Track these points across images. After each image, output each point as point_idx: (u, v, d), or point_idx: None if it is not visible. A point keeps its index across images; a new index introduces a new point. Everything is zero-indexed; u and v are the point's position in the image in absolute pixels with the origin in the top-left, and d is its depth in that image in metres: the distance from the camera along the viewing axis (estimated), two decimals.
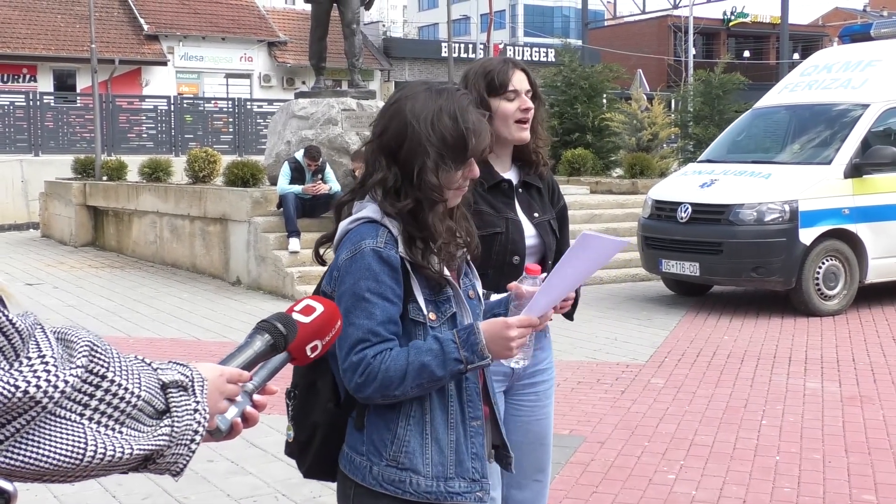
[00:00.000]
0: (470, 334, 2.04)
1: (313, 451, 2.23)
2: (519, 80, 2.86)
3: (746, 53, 47.58)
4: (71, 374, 1.24)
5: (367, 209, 2.14)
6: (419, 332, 2.10)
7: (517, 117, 2.84)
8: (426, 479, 2.10)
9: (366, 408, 2.12)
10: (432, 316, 2.11)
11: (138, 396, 1.32)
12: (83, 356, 1.27)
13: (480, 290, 2.31)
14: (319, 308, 1.70)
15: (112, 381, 1.29)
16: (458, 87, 2.22)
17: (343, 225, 2.17)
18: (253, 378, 1.59)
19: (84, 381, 1.27)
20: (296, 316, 1.69)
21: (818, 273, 9.55)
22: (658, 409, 6.23)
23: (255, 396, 1.57)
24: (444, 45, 34.63)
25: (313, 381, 2.20)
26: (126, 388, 1.30)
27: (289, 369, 1.77)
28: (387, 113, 2.16)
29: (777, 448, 5.43)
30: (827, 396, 6.52)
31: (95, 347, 1.29)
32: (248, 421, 1.56)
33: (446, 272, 2.14)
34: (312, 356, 1.69)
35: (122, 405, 1.30)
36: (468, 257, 2.25)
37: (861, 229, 9.72)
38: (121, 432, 1.29)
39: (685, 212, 9.93)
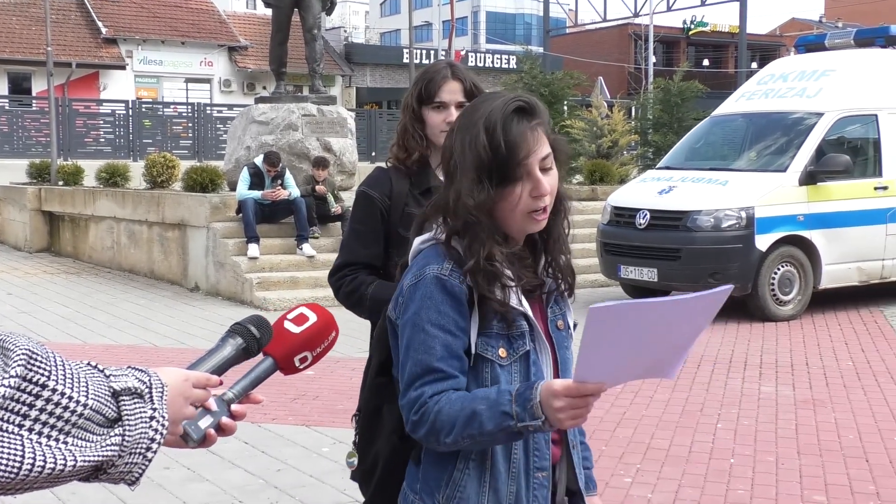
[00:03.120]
0: (527, 388, 1.77)
1: (375, 481, 2.11)
2: (449, 92, 2.82)
3: (706, 62, 48.13)
4: (3, 385, 1.19)
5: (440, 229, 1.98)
6: (486, 369, 1.89)
7: (442, 128, 2.82)
8: None
9: None
10: (502, 352, 1.90)
11: (84, 405, 1.26)
12: (19, 365, 1.22)
13: (571, 322, 2.10)
14: (312, 318, 1.63)
15: (54, 391, 1.24)
16: (517, 96, 1.95)
17: (416, 244, 2.00)
18: (234, 387, 1.53)
19: (21, 391, 1.21)
20: (287, 325, 1.62)
21: (774, 279, 9.68)
22: (615, 414, 6.27)
23: (235, 406, 1.52)
24: (405, 51, 34.65)
25: (378, 407, 2.06)
26: (70, 397, 1.25)
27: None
28: (449, 130, 2.03)
29: (732, 451, 5.49)
30: (781, 400, 6.61)
31: (34, 355, 1.24)
32: (224, 431, 1.50)
33: (523, 304, 1.92)
34: (301, 367, 1.62)
35: (66, 414, 1.25)
36: (562, 286, 2.04)
37: (815, 236, 9.87)
38: (65, 443, 1.24)
39: (644, 218, 10.02)
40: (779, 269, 9.72)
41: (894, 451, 5.48)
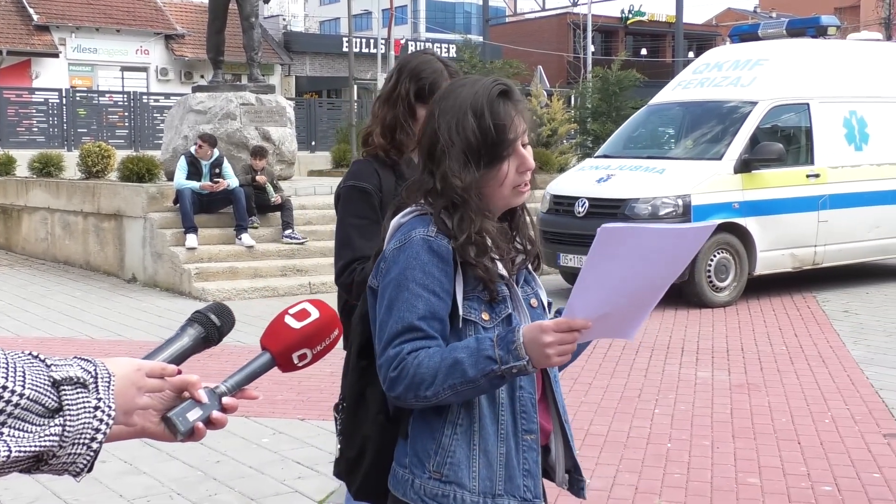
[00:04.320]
0: (509, 332, 1.84)
1: (363, 470, 2.07)
2: None
3: (643, 51, 48.60)
4: None
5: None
6: (470, 332, 1.93)
7: None
8: (472, 495, 1.92)
9: (411, 414, 1.96)
10: (485, 315, 1.94)
11: (21, 395, 1.24)
12: None
13: (545, 300, 2.14)
14: (315, 314, 1.57)
15: None
16: (496, 80, 2.05)
17: (396, 219, 2.02)
18: (227, 380, 1.50)
19: None
20: (287, 320, 1.57)
21: (710, 265, 9.84)
22: None
23: (226, 399, 1.48)
24: (345, 39, 34.43)
25: (362, 391, 2.05)
26: (5, 387, 1.23)
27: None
28: (427, 114, 2.08)
29: (669, 436, 5.58)
30: (717, 385, 6.72)
31: None
32: (214, 425, 1.47)
33: (501, 270, 1.97)
34: (300, 365, 1.57)
35: (1, 405, 1.22)
36: (529, 265, 2.10)
37: (750, 223, 10.04)
38: (0, 433, 1.22)
39: (582, 206, 10.11)
40: (715, 256, 9.89)
41: (825, 432, 5.62)
